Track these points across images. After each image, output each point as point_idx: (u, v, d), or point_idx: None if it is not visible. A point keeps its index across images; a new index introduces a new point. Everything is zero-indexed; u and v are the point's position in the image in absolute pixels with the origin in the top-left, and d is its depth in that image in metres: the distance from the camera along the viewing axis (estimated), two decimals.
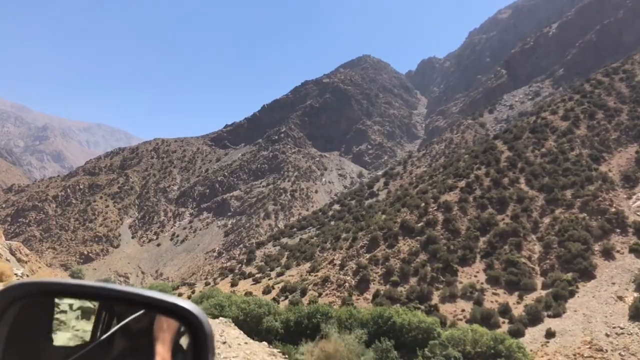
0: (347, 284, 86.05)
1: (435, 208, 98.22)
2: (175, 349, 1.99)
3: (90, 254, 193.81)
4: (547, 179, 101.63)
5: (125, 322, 2.12)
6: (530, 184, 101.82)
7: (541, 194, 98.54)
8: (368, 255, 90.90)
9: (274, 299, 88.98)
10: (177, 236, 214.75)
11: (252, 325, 77.00)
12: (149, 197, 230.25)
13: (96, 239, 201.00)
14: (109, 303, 2.23)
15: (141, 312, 1.99)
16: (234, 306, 79.39)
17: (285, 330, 76.81)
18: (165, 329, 1.78)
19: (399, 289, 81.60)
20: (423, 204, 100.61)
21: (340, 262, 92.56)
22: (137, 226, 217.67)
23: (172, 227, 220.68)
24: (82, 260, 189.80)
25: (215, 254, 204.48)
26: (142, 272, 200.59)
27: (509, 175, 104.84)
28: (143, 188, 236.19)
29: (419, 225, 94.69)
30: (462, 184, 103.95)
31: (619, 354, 58.26)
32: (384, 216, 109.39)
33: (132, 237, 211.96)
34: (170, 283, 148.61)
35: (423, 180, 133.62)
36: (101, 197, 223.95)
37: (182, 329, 1.96)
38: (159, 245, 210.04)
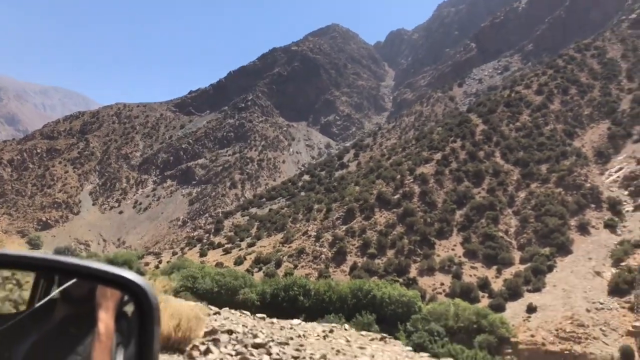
0: (323, 255, 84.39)
1: (411, 180, 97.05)
2: (119, 316, 1.95)
3: (49, 221, 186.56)
4: (523, 153, 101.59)
5: (64, 287, 2.04)
6: (505, 157, 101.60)
7: (516, 168, 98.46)
8: (344, 227, 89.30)
9: (247, 270, 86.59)
10: (140, 204, 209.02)
11: (227, 298, 74.79)
12: (110, 163, 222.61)
13: (55, 205, 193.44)
14: (51, 274, 2.13)
15: (82, 278, 1.93)
16: (208, 278, 76.90)
17: (261, 303, 75.24)
18: (109, 297, 1.78)
19: (377, 261, 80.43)
20: (399, 176, 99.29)
21: (315, 234, 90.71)
22: (98, 193, 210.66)
23: (134, 195, 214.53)
24: (40, 227, 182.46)
25: (179, 222, 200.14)
26: (104, 240, 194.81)
27: (484, 148, 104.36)
28: (104, 154, 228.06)
29: (396, 197, 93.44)
30: (438, 156, 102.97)
31: (600, 329, 58.51)
32: (357, 188, 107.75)
33: (93, 204, 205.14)
34: (135, 252, 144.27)
35: (396, 152, 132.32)
36: (60, 162, 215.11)
37: (126, 297, 1.92)
38: (121, 212, 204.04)
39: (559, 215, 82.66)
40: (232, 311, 25.96)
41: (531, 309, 63.45)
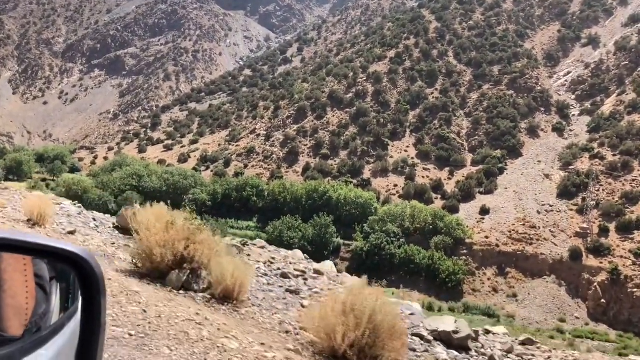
0: (274, 155, 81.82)
1: (364, 79, 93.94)
2: (54, 278, 1.85)
3: None
4: (475, 53, 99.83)
5: None
6: (458, 57, 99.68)
7: (469, 68, 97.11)
8: (295, 127, 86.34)
9: (194, 169, 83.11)
10: (66, 94, 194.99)
11: (176, 198, 71.58)
12: (30, 49, 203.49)
13: None
14: None
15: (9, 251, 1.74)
16: (154, 177, 72.95)
17: (212, 203, 72.69)
18: (17, 261, 1.66)
19: (330, 162, 78.96)
20: (351, 74, 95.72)
21: (265, 133, 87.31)
22: (19, 81, 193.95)
23: (59, 84, 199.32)
24: None
25: (110, 115, 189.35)
26: (28, 132, 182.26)
27: (438, 47, 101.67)
28: (22, 38, 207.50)
29: (348, 96, 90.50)
30: (392, 54, 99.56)
31: (550, 230, 60.68)
32: (307, 85, 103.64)
33: (14, 93, 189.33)
34: (66, 146, 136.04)
35: (344, 48, 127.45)
36: None
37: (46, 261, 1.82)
38: (45, 103, 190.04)
39: (510, 117, 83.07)
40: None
41: (484, 211, 64.77)
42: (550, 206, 64.20)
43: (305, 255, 20.07)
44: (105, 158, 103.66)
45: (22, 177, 77.93)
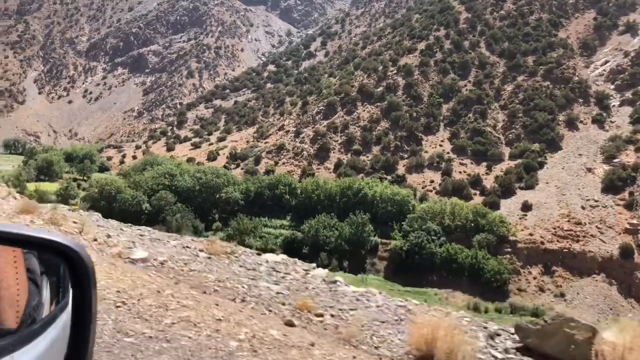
0: (305, 152, 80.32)
1: (394, 72, 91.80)
2: (45, 272, 1.90)
3: None
4: (508, 43, 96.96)
5: None
6: (491, 48, 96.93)
7: (502, 59, 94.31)
8: (325, 122, 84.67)
9: (224, 166, 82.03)
10: (90, 93, 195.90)
11: (209, 197, 70.45)
12: (54, 49, 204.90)
13: None
14: None
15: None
16: (187, 175, 71.90)
17: (244, 202, 71.41)
18: (5, 252, 1.72)
19: (362, 158, 77.21)
20: (381, 67, 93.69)
21: (294, 129, 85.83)
22: (44, 81, 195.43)
23: (83, 83, 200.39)
24: None
25: (134, 113, 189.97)
26: (54, 132, 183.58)
27: (469, 38, 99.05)
28: (47, 38, 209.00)
29: (379, 90, 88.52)
30: (422, 46, 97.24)
31: (596, 226, 58.21)
32: (333, 79, 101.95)
33: (39, 93, 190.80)
34: (93, 145, 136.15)
35: (371, 40, 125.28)
36: None
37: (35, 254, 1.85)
38: (70, 102, 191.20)
39: (548, 109, 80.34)
40: None
41: (526, 207, 62.46)
42: (595, 201, 61.66)
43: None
44: (134, 157, 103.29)
45: (53, 177, 77.63)
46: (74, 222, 11.89)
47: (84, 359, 1.79)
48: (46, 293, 1.84)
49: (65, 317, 1.81)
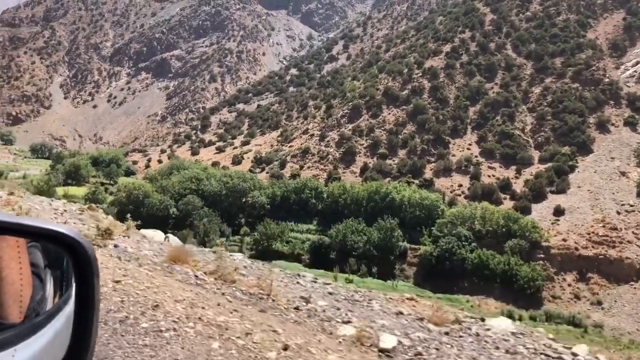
0: (330, 156, 79.79)
1: (419, 75, 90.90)
2: (49, 265, 1.95)
3: (19, 115, 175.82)
4: (535, 45, 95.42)
5: None
6: (517, 50, 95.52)
7: (529, 61, 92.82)
8: (350, 126, 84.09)
9: (250, 170, 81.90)
10: (115, 98, 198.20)
11: (235, 201, 70.23)
12: (79, 54, 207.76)
13: (24, 98, 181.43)
14: None
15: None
16: (213, 180, 71.81)
17: (270, 206, 71.04)
18: (10, 245, 1.74)
19: (388, 162, 76.39)
20: (406, 70, 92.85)
21: (319, 133, 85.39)
22: (70, 86, 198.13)
23: (108, 88, 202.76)
24: (10, 122, 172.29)
25: (158, 117, 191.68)
26: (80, 136, 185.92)
27: (495, 40, 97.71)
28: (72, 43, 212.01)
29: (404, 93, 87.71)
30: (447, 48, 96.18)
31: (632, 232, 56.64)
32: (357, 83, 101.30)
33: (65, 98, 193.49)
34: (118, 149, 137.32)
35: (394, 43, 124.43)
36: (26, 53, 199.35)
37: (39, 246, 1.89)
38: (95, 107, 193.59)
39: (578, 112, 78.71)
40: None
41: (559, 212, 61.05)
42: (631, 206, 60.06)
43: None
44: (160, 161, 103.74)
45: (80, 182, 78.26)
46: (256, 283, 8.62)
47: (87, 348, 1.82)
48: (50, 286, 1.88)
49: (69, 309, 1.84)
